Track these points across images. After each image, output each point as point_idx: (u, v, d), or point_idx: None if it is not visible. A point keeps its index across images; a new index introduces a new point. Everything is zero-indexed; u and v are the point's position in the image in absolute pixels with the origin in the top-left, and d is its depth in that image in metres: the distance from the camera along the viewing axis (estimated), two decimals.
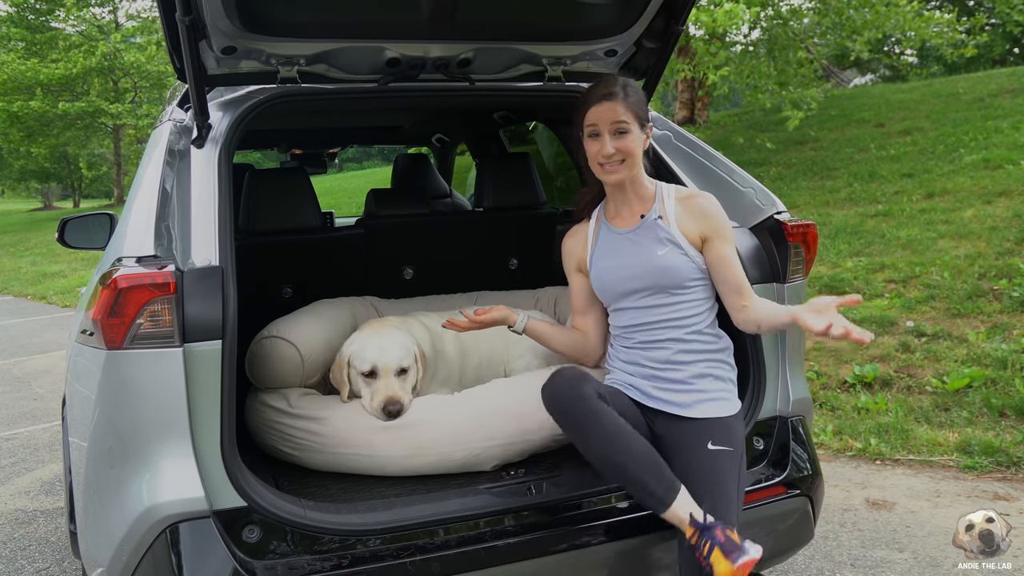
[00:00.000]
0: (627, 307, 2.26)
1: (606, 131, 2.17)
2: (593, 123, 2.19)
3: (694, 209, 2.23)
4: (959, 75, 16.13)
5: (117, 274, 1.79)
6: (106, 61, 23.77)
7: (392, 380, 2.39)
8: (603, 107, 2.17)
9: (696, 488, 1.99)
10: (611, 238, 2.30)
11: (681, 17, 2.43)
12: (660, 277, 2.19)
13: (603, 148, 2.18)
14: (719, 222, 2.22)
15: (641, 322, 2.23)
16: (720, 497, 1.98)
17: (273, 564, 1.84)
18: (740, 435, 2.15)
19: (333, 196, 19.29)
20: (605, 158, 2.19)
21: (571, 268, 2.44)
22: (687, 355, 2.19)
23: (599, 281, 2.31)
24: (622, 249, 2.27)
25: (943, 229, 6.90)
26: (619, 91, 2.18)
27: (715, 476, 2.02)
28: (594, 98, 2.19)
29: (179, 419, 1.81)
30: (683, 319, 2.21)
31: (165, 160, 2.20)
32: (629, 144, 2.18)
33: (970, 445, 4.01)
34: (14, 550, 3.55)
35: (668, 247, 2.20)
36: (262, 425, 2.47)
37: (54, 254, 17.11)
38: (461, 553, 1.93)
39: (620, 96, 2.18)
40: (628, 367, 2.27)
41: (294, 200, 2.99)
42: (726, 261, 2.20)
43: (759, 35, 10.94)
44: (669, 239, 2.21)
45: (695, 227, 2.21)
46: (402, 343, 2.48)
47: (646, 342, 2.23)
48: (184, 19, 1.95)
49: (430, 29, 2.31)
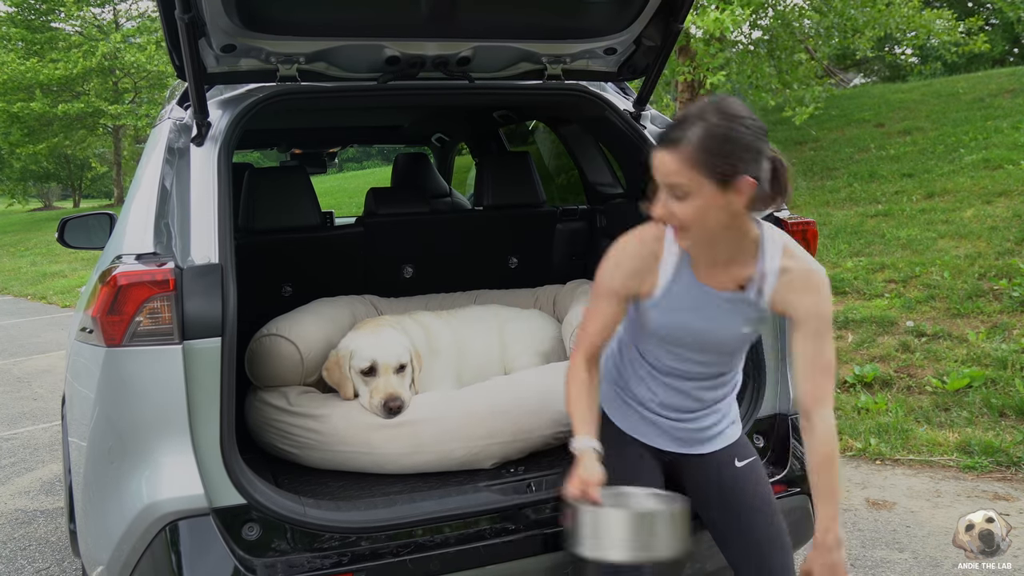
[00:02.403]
0: (673, 351, 1.92)
1: (661, 187, 1.69)
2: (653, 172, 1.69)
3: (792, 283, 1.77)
4: (959, 75, 16.13)
5: (117, 271, 1.79)
6: (106, 61, 23.77)
7: (391, 377, 2.39)
8: (659, 157, 1.67)
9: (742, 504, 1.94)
10: (695, 291, 1.83)
11: (681, 15, 2.42)
12: (728, 346, 1.89)
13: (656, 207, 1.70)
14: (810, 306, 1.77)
15: (674, 366, 1.93)
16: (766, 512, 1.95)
17: (273, 562, 1.84)
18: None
19: (333, 196, 19.28)
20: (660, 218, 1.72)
21: (615, 289, 1.87)
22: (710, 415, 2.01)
23: (659, 324, 1.87)
24: (709, 310, 1.83)
25: (943, 229, 6.90)
26: (683, 136, 1.62)
27: (753, 488, 1.97)
28: (660, 141, 1.69)
29: (179, 417, 1.80)
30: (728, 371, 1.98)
31: (165, 158, 2.20)
32: (686, 212, 1.65)
33: (970, 445, 4.01)
34: (14, 550, 3.55)
35: (754, 324, 1.86)
36: (262, 423, 2.47)
37: (54, 254, 17.10)
38: (461, 551, 1.93)
39: (682, 145, 1.61)
40: (639, 405, 2.00)
41: (294, 198, 2.99)
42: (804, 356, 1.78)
43: (759, 35, 10.93)
44: (761, 318, 1.85)
45: (785, 300, 1.79)
46: (400, 340, 2.49)
47: (670, 381, 1.95)
48: (183, 17, 1.95)
49: (429, 27, 2.31)
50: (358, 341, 2.47)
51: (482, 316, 2.87)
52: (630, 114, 2.73)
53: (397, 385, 2.38)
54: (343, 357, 2.47)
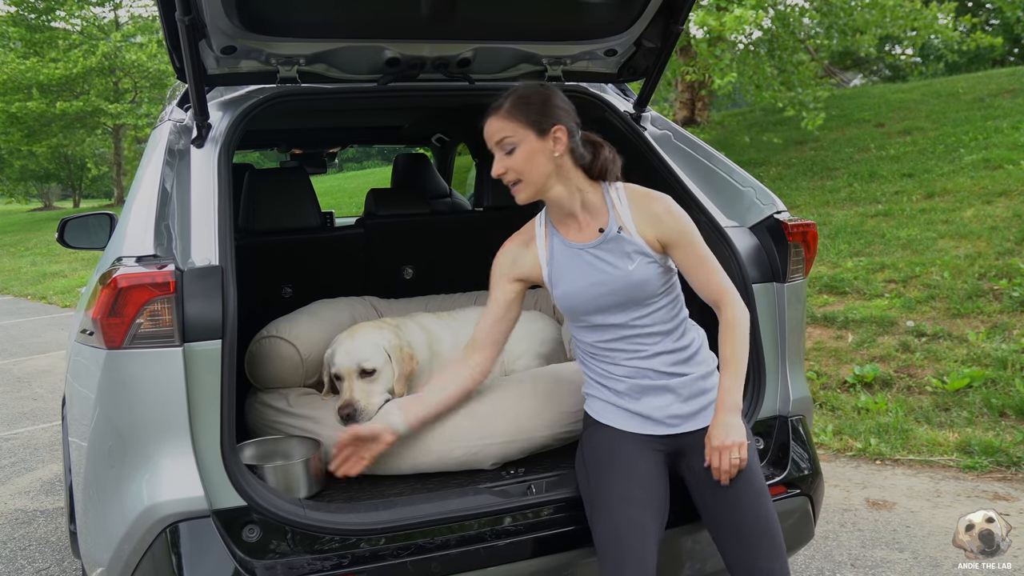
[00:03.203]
0: (601, 323, 2.06)
1: (495, 149, 2.00)
2: (487, 143, 2.02)
3: (649, 215, 2.04)
4: (959, 75, 16.13)
5: (117, 273, 1.79)
6: (106, 61, 23.77)
7: (354, 383, 2.36)
8: (486, 125, 2.00)
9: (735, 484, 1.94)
10: (570, 253, 2.07)
11: (681, 17, 2.43)
12: (636, 291, 2.01)
13: (495, 167, 2.00)
14: (675, 226, 2.03)
15: (621, 336, 2.05)
16: (760, 493, 1.95)
17: (273, 564, 1.84)
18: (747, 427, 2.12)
19: (333, 196, 19.29)
20: (498, 178, 2.01)
21: (506, 275, 2.16)
22: (681, 366, 2.06)
23: (568, 300, 2.07)
24: (588, 266, 2.04)
25: (943, 229, 6.90)
26: (502, 103, 1.98)
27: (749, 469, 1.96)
28: (485, 115, 2.01)
29: (179, 419, 1.80)
30: (667, 325, 2.06)
31: (165, 160, 2.20)
32: (517, 161, 1.97)
33: (970, 445, 4.01)
34: (14, 550, 3.55)
35: (637, 260, 2.01)
36: (262, 425, 2.47)
37: (54, 254, 17.11)
38: (461, 552, 1.93)
39: (502, 108, 1.98)
40: (619, 396, 2.07)
41: (294, 200, 2.99)
42: (690, 267, 2.04)
43: (760, 35, 10.92)
44: (637, 251, 2.02)
45: (652, 232, 2.03)
46: (372, 342, 2.42)
47: (632, 356, 2.05)
48: (184, 19, 1.95)
49: (429, 29, 2.31)
50: (334, 345, 2.47)
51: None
52: (630, 115, 2.73)
53: (357, 392, 2.34)
54: (325, 360, 2.48)
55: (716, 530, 1.99)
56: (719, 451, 1.93)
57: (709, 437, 1.97)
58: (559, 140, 1.98)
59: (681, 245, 2.03)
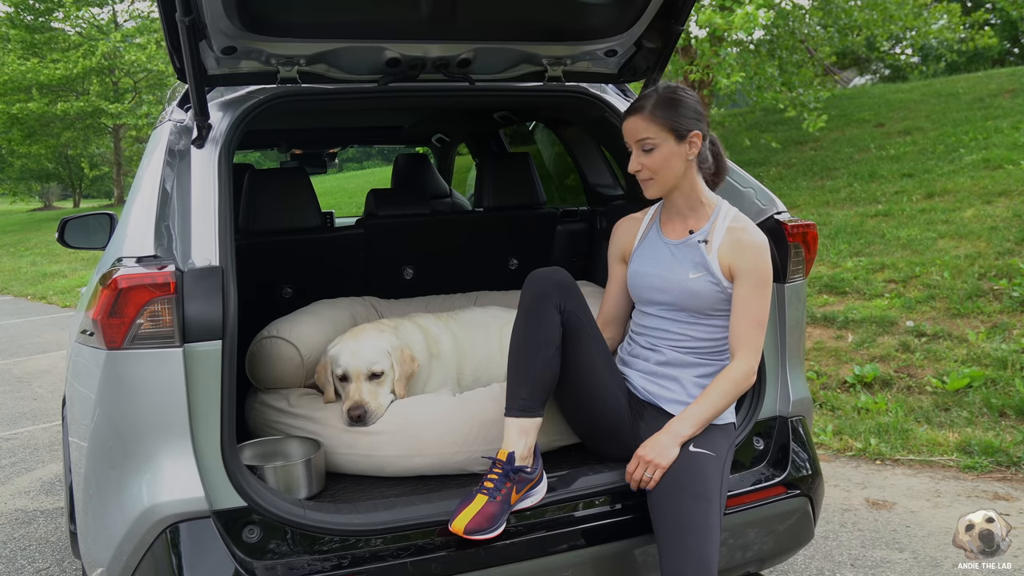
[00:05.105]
0: (652, 313, 2.26)
1: (633, 147, 2.17)
2: (625, 138, 2.20)
3: (736, 242, 2.16)
4: (959, 75, 16.13)
5: (117, 274, 1.79)
6: (106, 61, 23.75)
7: (362, 384, 2.37)
8: (628, 123, 2.18)
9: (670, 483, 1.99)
10: (656, 242, 2.28)
11: (681, 17, 2.43)
12: (686, 299, 2.18)
13: (631, 164, 2.18)
14: (749, 263, 2.14)
15: (662, 328, 2.24)
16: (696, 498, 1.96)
17: (273, 564, 1.84)
18: (725, 444, 2.14)
19: (333, 196, 19.28)
20: (633, 174, 2.19)
21: (615, 255, 2.41)
22: (700, 378, 2.22)
23: (631, 278, 2.31)
24: (661, 258, 2.24)
25: (943, 229, 6.90)
26: (645, 104, 2.15)
27: (691, 474, 2.00)
28: (626, 112, 2.20)
29: (179, 419, 1.80)
30: (705, 343, 2.22)
31: (165, 160, 2.20)
32: (654, 161, 2.14)
33: (970, 445, 4.01)
34: (14, 550, 3.55)
35: (701, 272, 2.17)
36: (262, 425, 2.47)
37: (54, 254, 17.11)
38: (461, 553, 1.93)
39: (645, 110, 2.14)
40: (634, 361, 2.30)
41: (294, 200, 2.99)
42: (736, 305, 2.16)
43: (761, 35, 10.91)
44: (703, 265, 2.17)
45: (729, 258, 2.16)
46: (377, 346, 2.43)
47: (661, 350, 2.24)
48: (184, 19, 1.95)
49: (430, 29, 2.31)
50: (338, 347, 2.47)
51: (482, 319, 2.87)
52: None
53: (366, 393, 2.35)
54: (327, 362, 2.48)
55: (655, 524, 2.01)
56: (639, 460, 2.05)
57: (642, 445, 2.07)
58: (694, 144, 2.15)
59: (743, 282, 2.14)
